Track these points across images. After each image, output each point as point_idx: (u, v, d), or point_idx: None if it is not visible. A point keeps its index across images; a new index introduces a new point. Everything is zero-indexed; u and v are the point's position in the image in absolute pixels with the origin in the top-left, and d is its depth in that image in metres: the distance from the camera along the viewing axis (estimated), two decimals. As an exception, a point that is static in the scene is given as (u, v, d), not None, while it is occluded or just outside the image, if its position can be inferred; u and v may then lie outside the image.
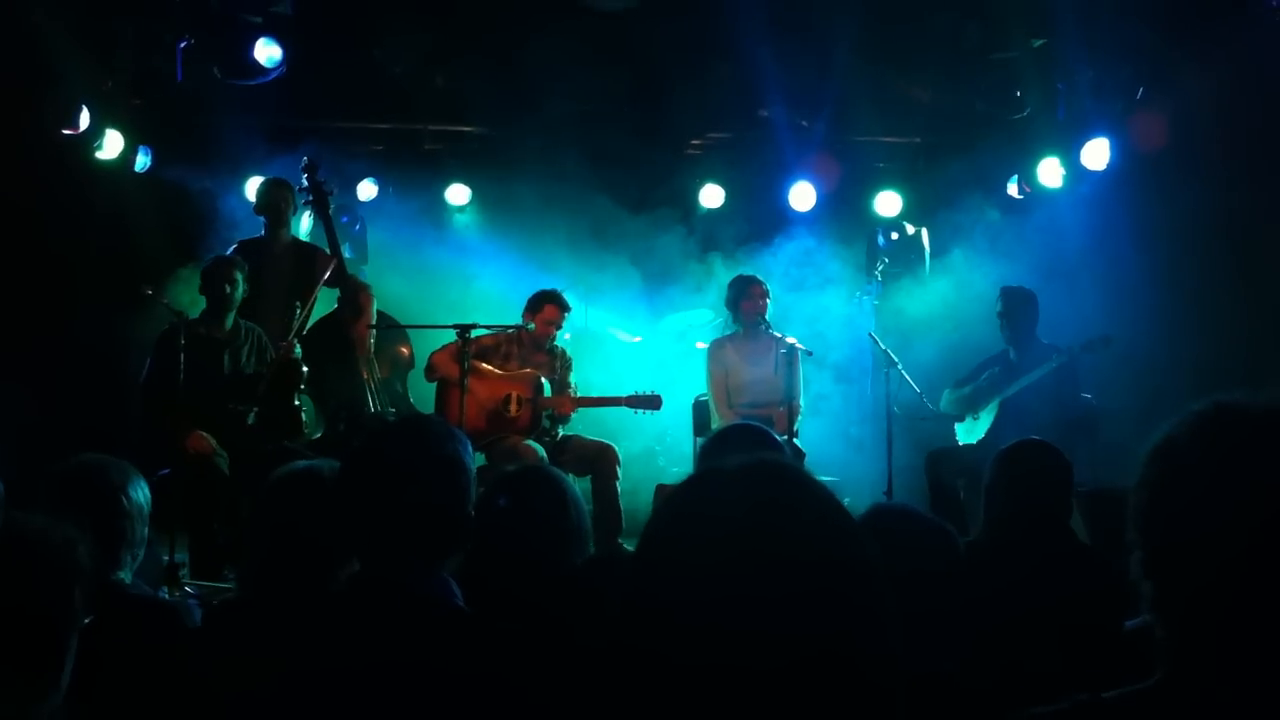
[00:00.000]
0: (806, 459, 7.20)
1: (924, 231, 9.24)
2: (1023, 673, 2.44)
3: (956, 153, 8.85)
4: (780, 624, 1.16)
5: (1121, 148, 7.93)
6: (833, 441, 7.91)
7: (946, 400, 7.41)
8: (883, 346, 7.19)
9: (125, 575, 3.09)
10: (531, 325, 7.35)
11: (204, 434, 6.28)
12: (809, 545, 1.20)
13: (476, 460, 2.52)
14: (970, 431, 7.28)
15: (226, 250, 7.28)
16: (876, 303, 8.33)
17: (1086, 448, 6.25)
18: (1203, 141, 7.30)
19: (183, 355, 6.22)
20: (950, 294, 8.33)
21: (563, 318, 7.42)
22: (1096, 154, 8.01)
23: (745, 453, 3.27)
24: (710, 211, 9.17)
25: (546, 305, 7.37)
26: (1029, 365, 7.09)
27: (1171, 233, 7.53)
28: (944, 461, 7.07)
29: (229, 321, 6.73)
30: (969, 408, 7.29)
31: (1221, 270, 7.32)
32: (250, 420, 6.53)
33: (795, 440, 6.90)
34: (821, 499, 1.27)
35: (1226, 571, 1.38)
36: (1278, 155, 6.92)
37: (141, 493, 3.15)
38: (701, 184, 9.11)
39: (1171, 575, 1.45)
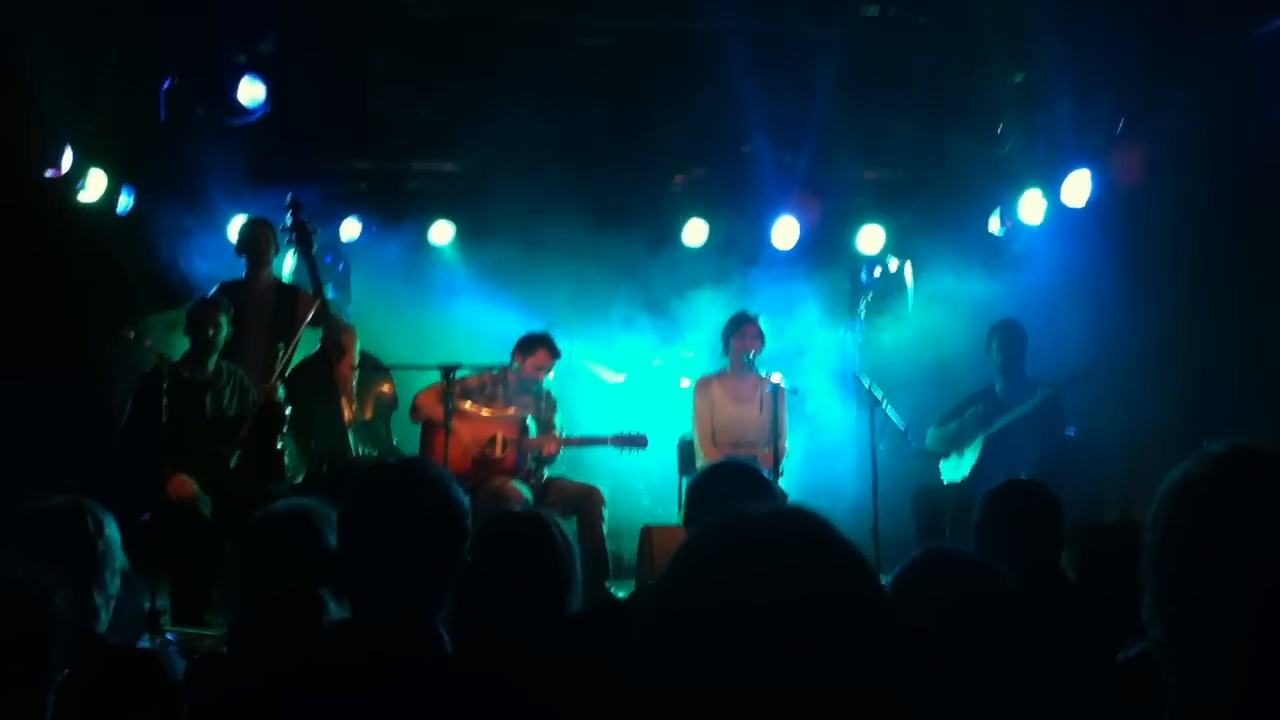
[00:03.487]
0: (790, 498, 7.18)
1: (907, 266, 9.27)
2: (1021, 710, 2.41)
3: (939, 187, 8.88)
4: (804, 679, 1.14)
5: (1103, 181, 7.95)
6: (817, 480, 7.90)
7: (931, 438, 7.41)
8: (866, 385, 7.18)
9: (101, 621, 3.04)
10: (517, 366, 7.32)
11: (186, 477, 6.24)
12: (836, 601, 1.20)
13: (462, 503, 2.51)
14: (955, 468, 7.28)
15: (209, 291, 7.25)
16: (860, 339, 8.33)
17: (1071, 482, 6.24)
18: (1184, 173, 7.33)
19: (165, 398, 6.19)
20: (934, 329, 8.34)
21: (553, 362, 7.39)
22: (1077, 187, 8.02)
23: (734, 490, 3.28)
24: (693, 248, 9.16)
25: (539, 349, 7.34)
26: (1014, 400, 7.11)
27: (1153, 265, 7.56)
28: (929, 498, 7.07)
29: (211, 363, 6.70)
30: (953, 445, 7.29)
31: (1202, 302, 7.35)
32: (233, 463, 6.50)
33: (780, 480, 6.88)
34: (849, 553, 1.26)
35: (1242, 617, 1.37)
36: (1258, 185, 6.95)
37: (115, 535, 3.10)
38: (685, 220, 9.11)
39: (1184, 617, 1.44)
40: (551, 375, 7.50)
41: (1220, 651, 1.39)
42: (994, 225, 8.79)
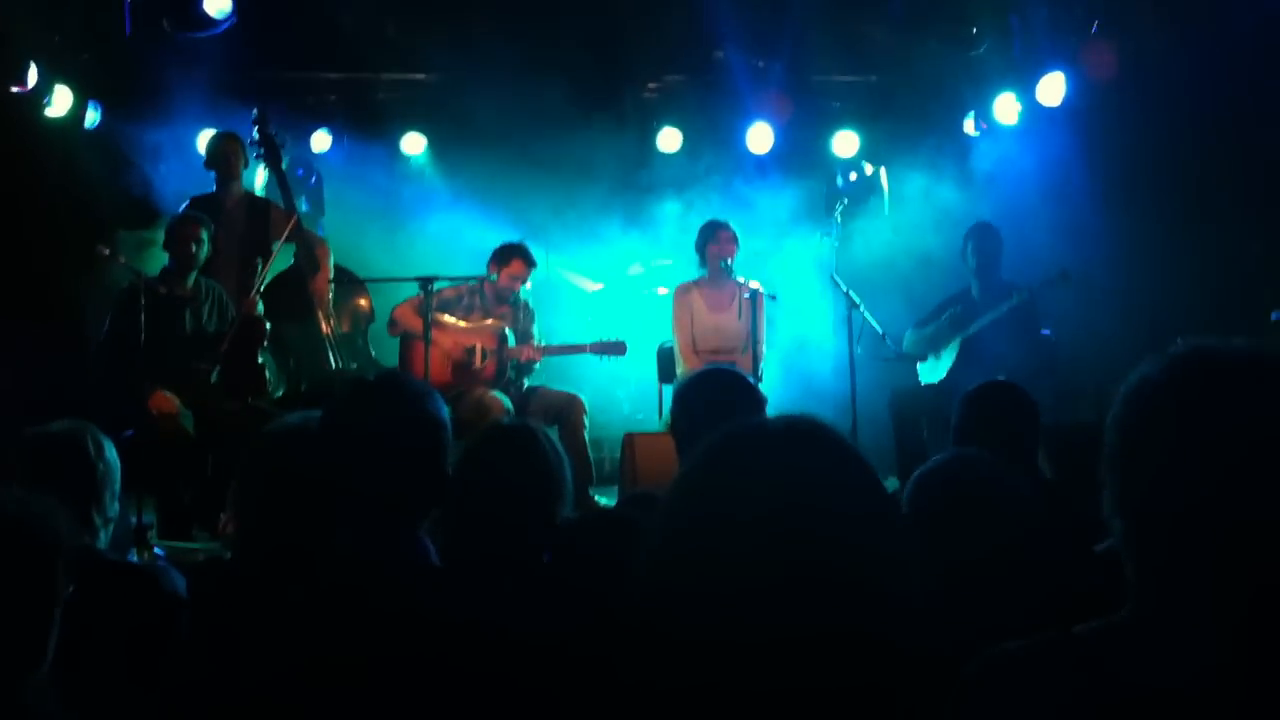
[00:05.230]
0: (770, 403, 7.24)
1: (882, 170, 9.26)
2: (997, 608, 2.48)
3: (913, 91, 8.84)
4: (816, 589, 1.18)
5: (1077, 83, 7.94)
6: (796, 384, 7.95)
7: (909, 340, 7.46)
8: (844, 288, 7.21)
9: (101, 541, 3.09)
10: (495, 277, 7.33)
11: (167, 393, 6.23)
12: (849, 514, 1.23)
13: (442, 414, 2.53)
14: (932, 371, 7.34)
15: (179, 207, 7.20)
16: (837, 244, 8.33)
17: (1047, 384, 6.32)
18: (1157, 76, 7.33)
19: (143, 315, 6.17)
20: (910, 233, 8.36)
21: (528, 271, 7.40)
22: (1052, 89, 8.02)
23: (720, 397, 3.31)
24: (669, 155, 9.11)
25: (513, 259, 7.34)
26: (990, 303, 7.15)
27: (1128, 168, 7.59)
28: (906, 401, 7.14)
29: (191, 280, 6.67)
30: (931, 347, 7.35)
31: (1176, 204, 7.39)
32: (213, 379, 6.50)
33: (759, 385, 6.93)
34: (861, 465, 1.29)
35: (1198, 511, 1.40)
36: (1231, 88, 6.96)
37: (113, 457, 3.15)
38: (659, 127, 9.05)
39: (1143, 514, 1.47)
40: (528, 285, 7.51)
41: (1176, 548, 1.42)
42: (969, 127, 8.78)
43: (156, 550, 5.58)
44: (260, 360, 6.67)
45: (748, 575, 1.19)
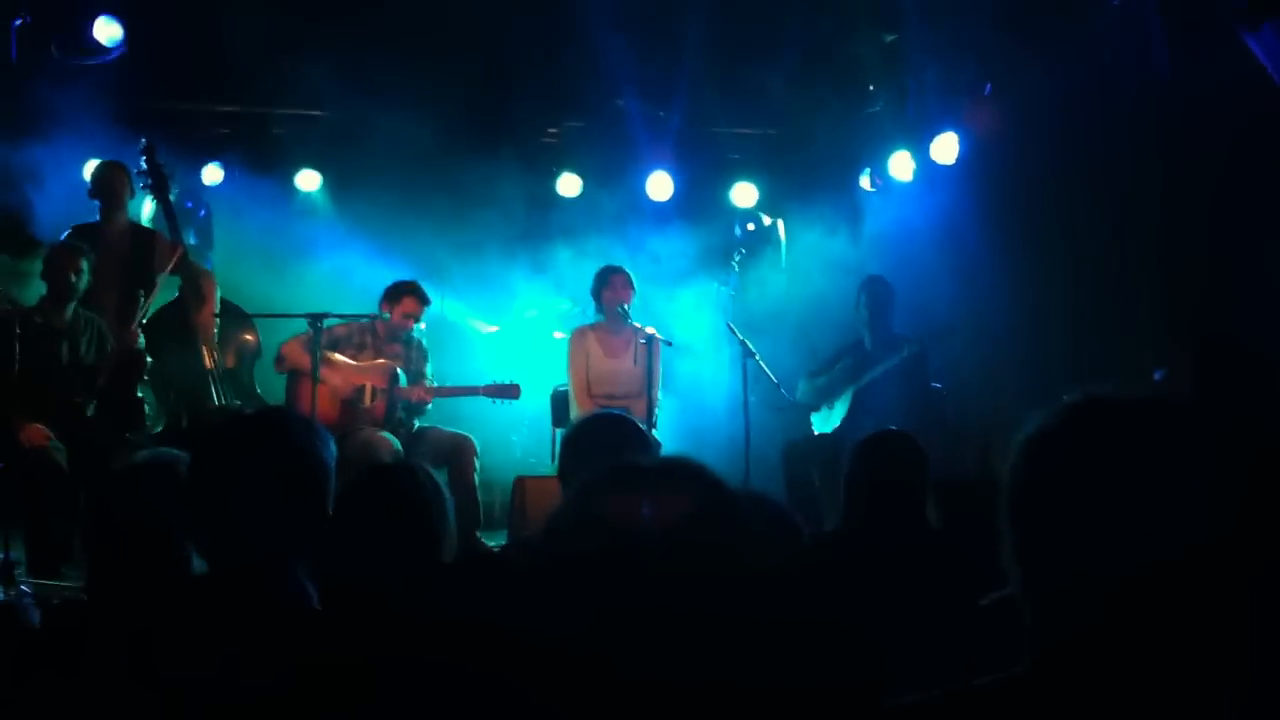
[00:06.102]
0: (664, 449, 7.23)
1: (779, 222, 9.35)
2: (886, 656, 2.46)
3: (811, 145, 8.95)
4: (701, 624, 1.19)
5: (970, 143, 8.09)
6: (691, 432, 7.95)
7: (802, 390, 7.51)
8: (739, 336, 7.23)
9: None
10: (387, 315, 7.22)
11: (40, 426, 6.03)
12: (732, 542, 1.24)
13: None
14: (825, 420, 7.38)
15: (60, 236, 7.01)
16: (733, 293, 8.38)
17: (937, 435, 6.38)
18: (1045, 136, 7.50)
19: (18, 345, 5.98)
20: (805, 284, 8.43)
21: (422, 310, 7.29)
22: (945, 148, 8.16)
23: (610, 442, 3.28)
24: (568, 201, 9.11)
25: (406, 297, 7.24)
26: (882, 355, 7.23)
27: (1017, 227, 7.73)
28: (799, 451, 7.16)
29: (70, 311, 6.48)
30: (824, 397, 7.40)
31: (1063, 263, 7.53)
32: (89, 412, 6.31)
33: (654, 431, 6.90)
34: (733, 498, 1.31)
35: (1096, 560, 1.40)
36: (1117, 149, 7.14)
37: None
38: (559, 172, 9.05)
39: (1041, 563, 1.46)
40: (422, 325, 7.41)
41: (1075, 598, 1.42)
42: (865, 183, 8.90)
43: (23, 587, 5.37)
44: (139, 394, 6.50)
45: (628, 602, 1.20)
